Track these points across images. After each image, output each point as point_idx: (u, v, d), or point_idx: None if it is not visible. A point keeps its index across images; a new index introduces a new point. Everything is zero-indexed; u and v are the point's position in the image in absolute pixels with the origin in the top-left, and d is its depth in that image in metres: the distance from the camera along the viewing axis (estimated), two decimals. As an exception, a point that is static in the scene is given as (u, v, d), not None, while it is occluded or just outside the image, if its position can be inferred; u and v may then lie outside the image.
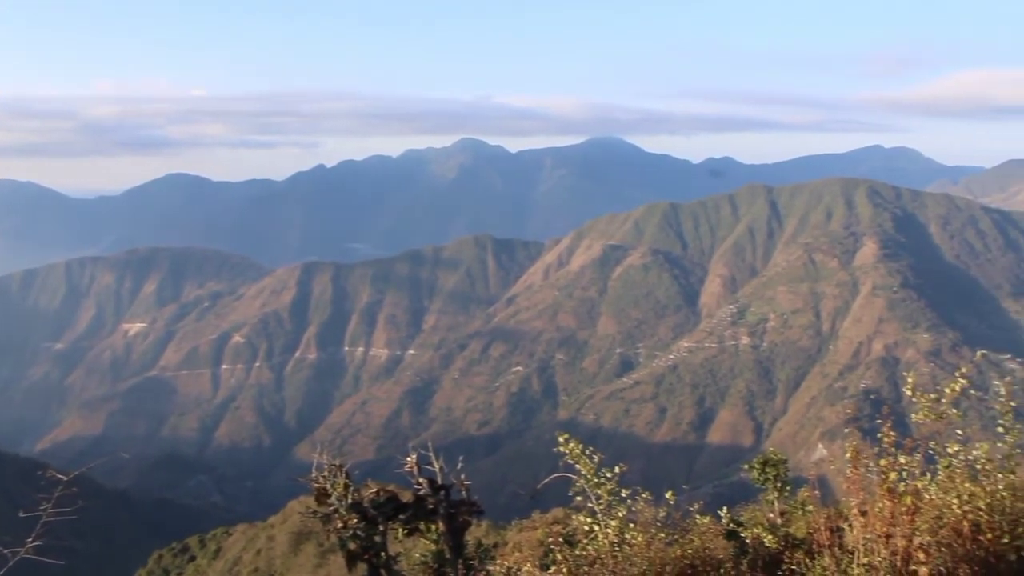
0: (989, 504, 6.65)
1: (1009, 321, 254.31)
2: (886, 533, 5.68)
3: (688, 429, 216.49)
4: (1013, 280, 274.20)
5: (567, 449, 8.43)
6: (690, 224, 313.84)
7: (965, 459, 6.96)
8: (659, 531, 8.72)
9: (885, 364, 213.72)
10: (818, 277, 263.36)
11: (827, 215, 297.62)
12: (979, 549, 6.52)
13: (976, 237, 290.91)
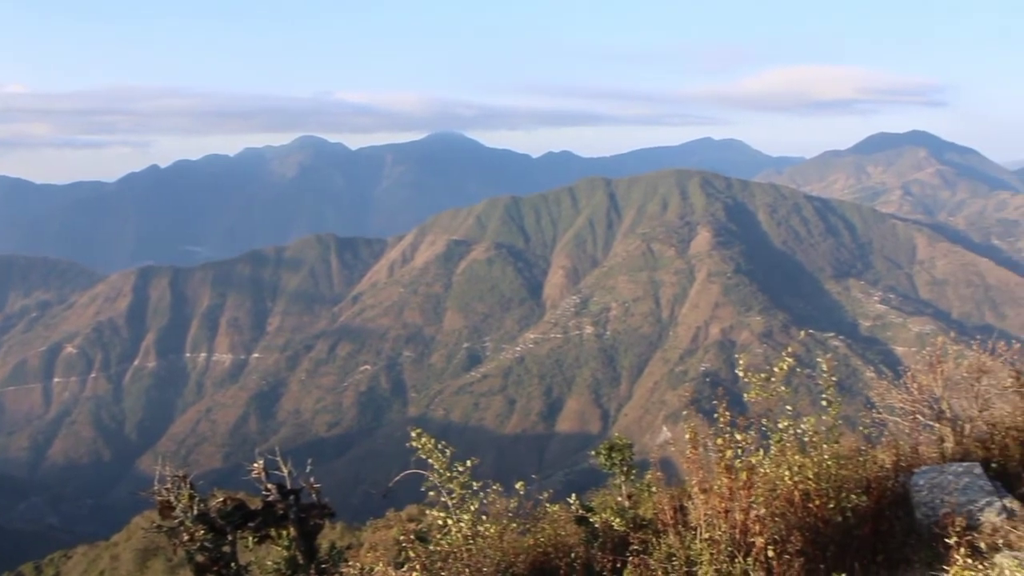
0: (817, 473, 7.07)
1: (832, 301, 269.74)
2: (725, 508, 5.94)
3: (537, 419, 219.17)
4: (834, 263, 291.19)
5: (419, 444, 8.43)
6: (532, 217, 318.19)
7: (795, 433, 7.38)
8: (511, 522, 8.82)
9: (722, 347, 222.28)
10: (656, 266, 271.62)
11: (663, 205, 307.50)
12: (809, 516, 6.92)
13: (800, 224, 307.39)
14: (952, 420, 9.47)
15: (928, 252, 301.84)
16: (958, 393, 9.81)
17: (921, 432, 9.42)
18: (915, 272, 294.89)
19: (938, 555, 5.73)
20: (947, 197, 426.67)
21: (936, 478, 7.84)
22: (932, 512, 7.42)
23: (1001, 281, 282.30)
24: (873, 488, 7.51)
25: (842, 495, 7.11)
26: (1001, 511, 7.33)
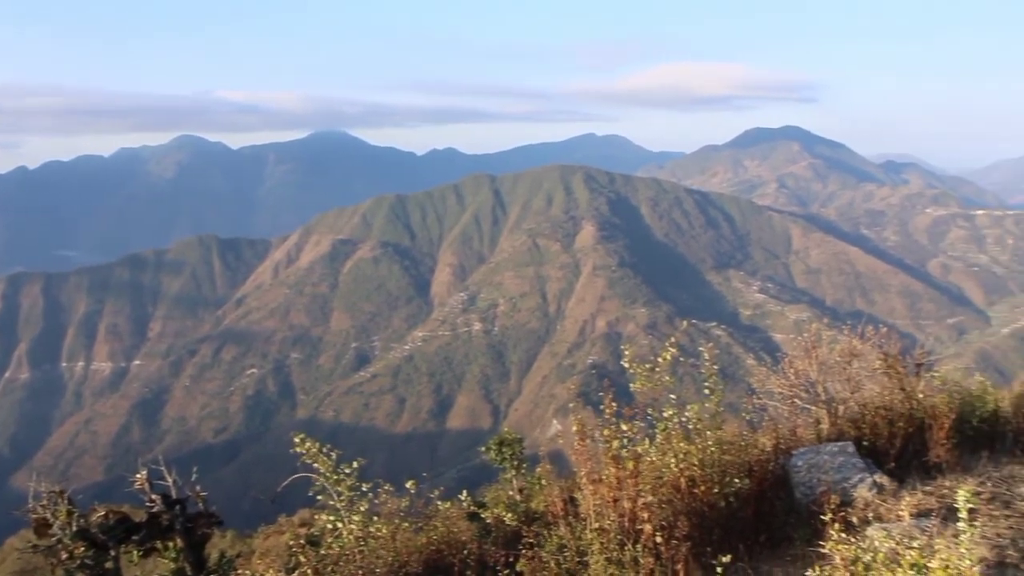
0: (701, 459, 7.27)
1: (713, 292, 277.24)
2: (614, 498, 6.05)
3: (428, 417, 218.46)
4: (714, 254, 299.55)
5: (303, 449, 8.32)
6: (417, 215, 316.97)
7: (679, 421, 7.58)
8: (404, 521, 8.79)
9: (609, 339, 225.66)
10: (542, 261, 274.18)
11: (548, 201, 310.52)
12: (695, 501, 7.11)
13: (682, 217, 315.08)
14: (827, 402, 9.87)
15: (803, 242, 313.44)
16: (832, 376, 10.22)
17: (799, 415, 9.78)
18: (791, 262, 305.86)
19: (816, 531, 5.97)
20: (819, 189, 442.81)
21: (813, 458, 8.17)
22: (810, 491, 7.72)
23: (870, 269, 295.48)
24: (755, 471, 7.76)
25: (726, 479, 7.33)
26: (872, 486, 7.69)
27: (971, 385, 11.70)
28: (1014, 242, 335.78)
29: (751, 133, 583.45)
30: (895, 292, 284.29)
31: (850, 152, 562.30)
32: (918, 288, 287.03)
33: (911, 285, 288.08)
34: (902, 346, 10.89)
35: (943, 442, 8.76)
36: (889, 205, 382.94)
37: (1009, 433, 10.43)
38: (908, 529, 5.75)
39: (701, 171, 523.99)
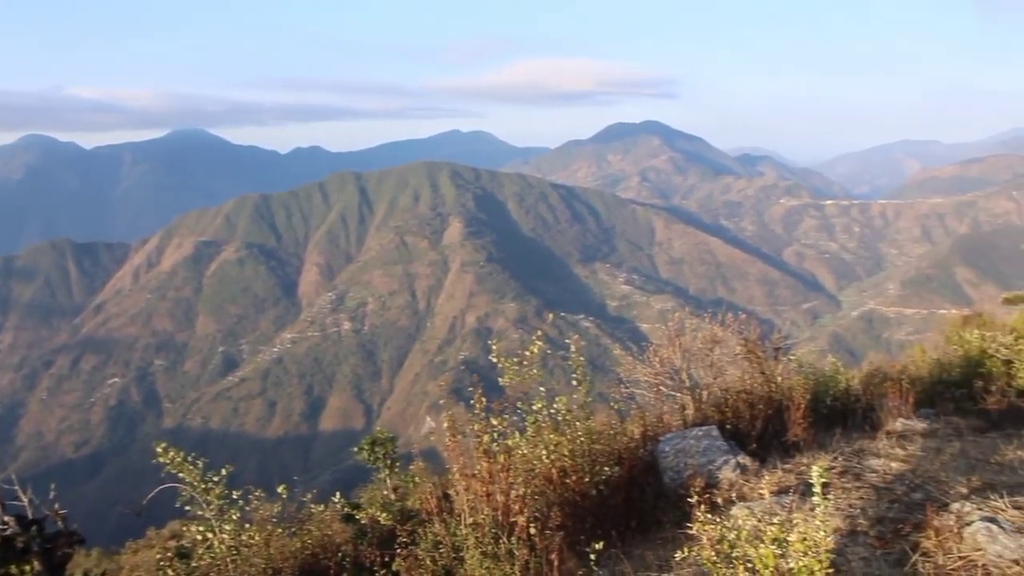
0: (572, 450, 7.39)
1: (580, 284, 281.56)
2: (487, 492, 6.08)
3: (300, 420, 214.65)
4: (580, 248, 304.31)
5: (167, 459, 8.06)
6: (283, 215, 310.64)
7: (549, 413, 7.67)
8: (277, 527, 8.64)
9: (479, 335, 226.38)
10: (411, 258, 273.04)
11: (414, 198, 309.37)
12: (567, 491, 7.22)
13: (548, 211, 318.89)
14: (691, 388, 10.17)
15: (666, 234, 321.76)
16: (696, 363, 10.54)
17: (665, 402, 10.04)
18: (655, 253, 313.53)
19: (685, 514, 6.13)
20: (680, 182, 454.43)
21: (680, 443, 8.41)
22: (678, 475, 7.94)
23: (730, 258, 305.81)
24: (624, 459, 7.93)
25: (596, 468, 7.46)
26: (736, 468, 7.97)
27: (824, 367, 12.29)
28: (860, 230, 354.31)
29: (613, 128, 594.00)
30: (754, 280, 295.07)
31: (708, 146, 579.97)
32: (775, 275, 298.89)
33: (768, 273, 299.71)
34: (761, 331, 11.32)
35: (800, 422, 9.16)
36: (746, 196, 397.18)
37: (860, 410, 10.99)
38: (769, 506, 5.99)
39: (565, 166, 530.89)
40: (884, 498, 6.54)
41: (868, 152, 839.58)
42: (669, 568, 5.95)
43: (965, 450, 8.25)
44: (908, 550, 5.42)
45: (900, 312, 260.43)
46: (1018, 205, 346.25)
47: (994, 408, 12.80)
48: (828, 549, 3.85)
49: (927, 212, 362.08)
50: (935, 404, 13.32)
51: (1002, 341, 17.06)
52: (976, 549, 5.28)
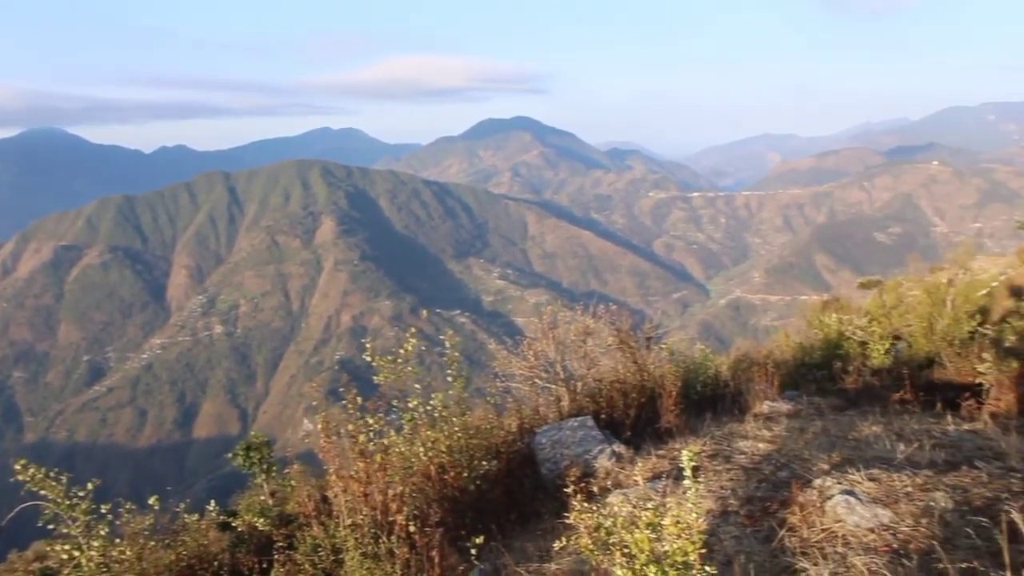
0: (449, 446, 7.40)
1: (455, 280, 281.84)
2: (364, 492, 6.03)
3: (173, 428, 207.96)
4: (454, 244, 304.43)
5: (26, 476, 7.68)
6: (148, 216, 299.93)
7: (425, 410, 7.66)
8: (149, 540, 8.37)
9: (354, 334, 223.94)
10: (283, 258, 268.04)
11: (285, 197, 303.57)
12: (446, 487, 7.23)
13: (420, 208, 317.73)
14: (566, 380, 10.30)
15: (538, 228, 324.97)
16: (570, 355, 10.69)
17: (541, 394, 10.16)
18: (528, 247, 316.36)
19: (563, 504, 6.20)
20: (551, 177, 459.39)
21: (556, 435, 8.51)
22: (555, 466, 8.05)
23: (601, 251, 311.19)
24: (502, 453, 8.00)
25: (474, 463, 7.50)
26: (611, 456, 8.13)
27: (694, 354, 12.64)
28: (726, 221, 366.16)
29: (485, 124, 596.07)
30: (625, 272, 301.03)
31: (578, 141, 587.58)
32: (645, 267, 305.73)
33: (639, 264, 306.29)
34: (633, 322, 11.56)
35: (672, 408, 9.40)
36: (616, 190, 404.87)
37: (729, 394, 11.35)
38: (644, 492, 6.12)
39: (437, 162, 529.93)
40: (753, 478, 6.77)
41: (732, 145, 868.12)
42: (549, 558, 6.02)
43: (826, 428, 8.62)
44: (776, 526, 5.62)
45: (765, 299, 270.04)
46: (869, 195, 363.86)
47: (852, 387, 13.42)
48: (701, 530, 3.95)
49: (788, 203, 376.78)
50: (799, 386, 13.88)
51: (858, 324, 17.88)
52: (837, 521, 5.53)
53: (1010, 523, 4.41)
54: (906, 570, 4.73)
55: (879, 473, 6.33)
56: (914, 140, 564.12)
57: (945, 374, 14.06)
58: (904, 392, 12.13)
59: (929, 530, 5.29)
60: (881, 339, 16.99)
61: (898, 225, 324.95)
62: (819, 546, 5.28)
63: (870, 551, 5.09)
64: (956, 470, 6.41)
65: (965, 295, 20.14)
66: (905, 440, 7.54)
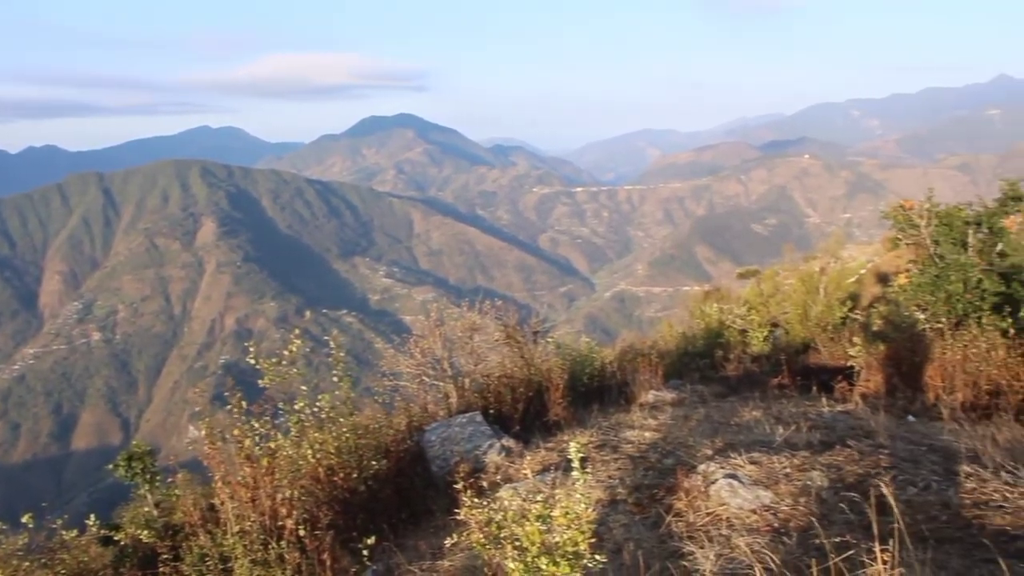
0: (338, 447, 7.33)
1: (341, 280, 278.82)
2: (251, 497, 5.93)
3: (49, 441, 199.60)
4: (339, 243, 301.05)
5: None
6: (16, 221, 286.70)
7: (312, 411, 7.56)
8: (24, 560, 8.05)
9: (239, 337, 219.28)
10: (163, 261, 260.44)
11: (164, 198, 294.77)
12: (336, 489, 7.16)
13: (304, 207, 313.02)
14: (454, 377, 10.33)
15: (424, 226, 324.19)
16: (457, 351, 10.72)
17: (429, 392, 10.16)
18: (414, 245, 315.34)
19: (454, 501, 6.22)
20: (435, 174, 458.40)
21: (445, 431, 8.53)
22: (445, 463, 8.06)
23: (487, 247, 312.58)
24: (392, 452, 7.96)
25: (364, 463, 7.44)
26: (501, 451, 8.18)
27: (580, 347, 12.83)
28: (609, 215, 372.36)
29: (367, 122, 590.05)
30: (511, 267, 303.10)
31: (462, 137, 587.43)
32: (531, 262, 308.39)
33: (525, 259, 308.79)
34: (519, 317, 11.67)
35: (559, 401, 9.53)
36: (500, 186, 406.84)
37: (615, 385, 11.57)
38: (534, 485, 6.19)
39: (320, 161, 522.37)
40: (640, 466, 6.92)
41: (613, 141, 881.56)
42: (442, 555, 6.03)
43: (709, 415, 8.88)
44: (663, 512, 5.76)
45: (649, 291, 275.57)
46: (746, 188, 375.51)
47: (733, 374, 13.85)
48: (590, 520, 4.01)
49: (668, 196, 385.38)
50: (683, 375, 14.25)
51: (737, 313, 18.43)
52: (721, 504, 5.70)
53: (879, 497, 4.62)
54: (786, 547, 4.90)
55: (760, 456, 6.55)
56: (787, 135, 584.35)
57: (820, 358, 14.64)
58: (782, 377, 12.59)
59: (807, 508, 5.50)
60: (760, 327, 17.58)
61: (774, 216, 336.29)
62: (705, 529, 5.42)
63: (753, 531, 5.26)
64: (831, 450, 6.68)
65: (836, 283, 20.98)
66: (783, 423, 7.82)
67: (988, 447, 6.35)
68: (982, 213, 13.13)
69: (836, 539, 4.70)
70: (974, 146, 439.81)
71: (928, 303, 12.47)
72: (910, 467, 6.13)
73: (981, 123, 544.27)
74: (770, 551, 4.74)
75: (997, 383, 9.15)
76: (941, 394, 9.43)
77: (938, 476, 5.91)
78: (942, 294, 12.26)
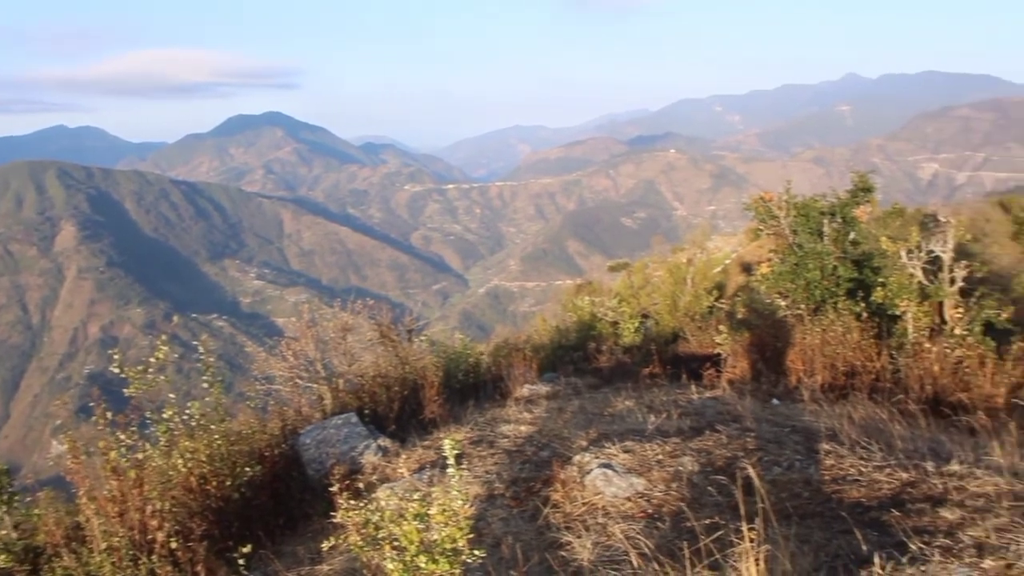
0: (210, 455, 7.14)
1: (210, 283, 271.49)
2: (119, 512, 5.74)
3: None
4: (207, 245, 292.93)
5: None
6: None
7: (181, 419, 7.34)
8: None
9: (104, 345, 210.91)
10: (18, 269, 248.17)
11: (17, 202, 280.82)
12: (209, 498, 6.98)
13: (170, 209, 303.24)
14: (328, 378, 10.21)
15: (294, 226, 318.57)
16: (330, 352, 10.60)
17: (303, 394, 10.01)
18: (285, 246, 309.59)
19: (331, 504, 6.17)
20: (305, 173, 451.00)
21: (320, 434, 8.43)
22: (321, 466, 7.96)
23: (359, 246, 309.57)
24: (266, 457, 7.81)
25: (237, 470, 7.28)
26: (377, 451, 8.14)
27: (455, 344, 12.86)
28: (481, 211, 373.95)
29: (234, 120, 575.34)
30: (384, 266, 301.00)
31: (332, 136, 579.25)
32: (404, 260, 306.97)
33: (398, 258, 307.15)
34: (393, 315, 11.62)
35: (435, 399, 9.56)
36: (371, 184, 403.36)
37: (490, 381, 11.65)
38: (411, 484, 6.20)
39: (186, 161, 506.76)
40: (516, 460, 6.99)
41: (484, 137, 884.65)
42: (320, 560, 5.97)
43: (583, 406, 9.03)
44: (540, 504, 5.83)
45: (522, 286, 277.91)
46: (615, 182, 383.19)
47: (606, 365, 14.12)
48: (468, 516, 4.03)
49: (539, 192, 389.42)
50: (557, 368, 14.46)
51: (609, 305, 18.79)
52: (596, 493, 5.82)
53: (745, 478, 4.80)
54: (660, 532, 5.04)
55: (633, 444, 6.70)
56: (653, 130, 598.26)
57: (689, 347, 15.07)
58: (653, 366, 12.91)
59: (679, 493, 5.67)
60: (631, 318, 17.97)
61: (642, 210, 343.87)
62: (581, 519, 5.52)
63: (628, 518, 5.38)
64: (700, 435, 6.89)
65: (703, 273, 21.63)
66: (655, 411, 8.02)
67: (845, 425, 6.67)
68: (836, 204, 13.73)
69: (706, 521, 4.86)
70: (828, 140, 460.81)
71: (788, 290, 12.98)
72: (775, 448, 6.38)
73: (833, 118, 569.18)
74: (644, 536, 4.86)
75: (852, 364, 9.61)
76: (802, 377, 9.83)
77: (800, 455, 6.17)
78: (801, 282, 12.77)
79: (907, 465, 5.53)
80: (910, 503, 4.92)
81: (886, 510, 4.86)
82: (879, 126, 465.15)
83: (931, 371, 8.91)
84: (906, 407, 7.62)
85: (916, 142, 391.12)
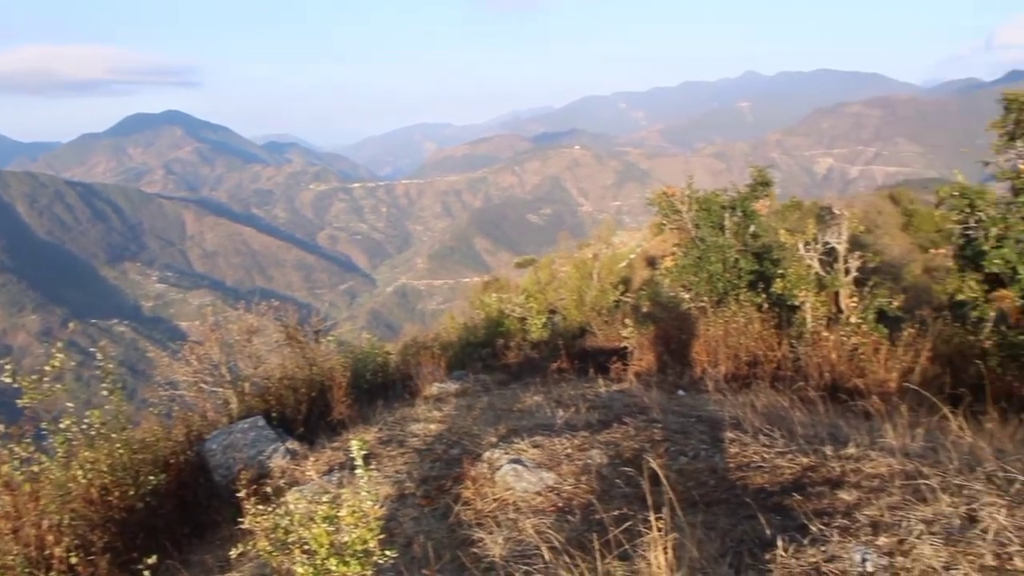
0: (111, 464, 6.94)
1: (110, 287, 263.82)
2: (13, 528, 5.55)
3: None
4: (106, 248, 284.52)
5: None
6: None
7: (80, 429, 7.11)
8: None
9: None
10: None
11: None
12: (111, 510, 6.78)
13: (65, 211, 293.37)
14: (233, 382, 10.03)
15: (197, 227, 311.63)
16: (236, 355, 10.41)
17: (208, 399, 9.81)
18: (188, 247, 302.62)
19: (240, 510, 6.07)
20: (207, 173, 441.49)
21: (226, 439, 8.27)
22: (228, 471, 7.82)
23: (264, 246, 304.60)
24: (171, 464, 7.64)
25: (141, 479, 7.10)
26: (285, 454, 8.04)
27: (363, 343, 12.77)
28: (387, 210, 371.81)
29: (132, 119, 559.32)
30: (290, 266, 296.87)
31: (234, 135, 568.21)
32: (311, 260, 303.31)
33: (304, 258, 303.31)
34: (300, 316, 11.47)
35: (343, 400, 9.48)
36: (276, 184, 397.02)
37: (399, 380, 11.60)
38: (320, 486, 6.13)
39: (81, 162, 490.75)
40: (427, 459, 6.98)
41: (389, 135, 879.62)
42: (229, 567, 5.87)
43: (492, 403, 9.06)
44: (451, 502, 5.84)
45: (430, 284, 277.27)
46: (521, 179, 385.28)
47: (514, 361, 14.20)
48: (378, 516, 4.02)
49: (446, 189, 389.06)
50: (466, 365, 14.48)
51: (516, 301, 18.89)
52: (507, 489, 5.85)
53: (651, 470, 4.88)
54: (570, 525, 5.09)
55: (542, 439, 6.76)
56: (558, 127, 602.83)
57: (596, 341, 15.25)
58: (561, 361, 13.04)
59: (588, 485, 5.74)
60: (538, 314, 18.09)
61: (548, 206, 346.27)
62: (493, 515, 5.55)
63: (538, 513, 5.43)
64: (608, 428, 6.99)
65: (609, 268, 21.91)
66: (564, 406, 8.10)
67: (748, 413, 6.84)
68: (736, 198, 14.06)
69: (615, 513, 4.94)
70: (728, 135, 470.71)
71: (692, 283, 13.25)
72: (681, 438, 6.51)
73: (733, 115, 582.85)
74: (555, 530, 4.90)
75: (754, 354, 9.87)
76: (707, 367, 10.06)
77: (706, 444, 6.31)
78: (704, 274, 13.05)
79: (807, 450, 5.70)
80: (810, 487, 5.08)
81: (788, 494, 5.01)
82: (777, 122, 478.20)
83: (829, 359, 9.21)
84: (806, 394, 7.85)
85: (812, 137, 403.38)
